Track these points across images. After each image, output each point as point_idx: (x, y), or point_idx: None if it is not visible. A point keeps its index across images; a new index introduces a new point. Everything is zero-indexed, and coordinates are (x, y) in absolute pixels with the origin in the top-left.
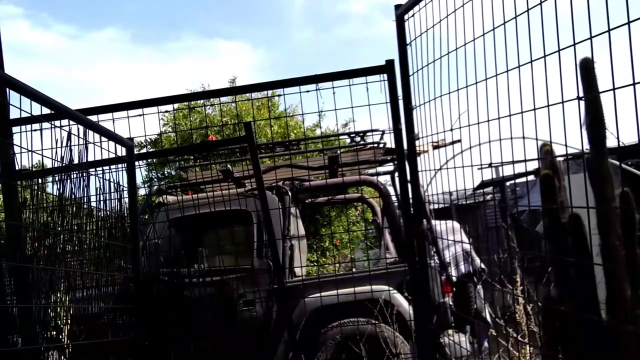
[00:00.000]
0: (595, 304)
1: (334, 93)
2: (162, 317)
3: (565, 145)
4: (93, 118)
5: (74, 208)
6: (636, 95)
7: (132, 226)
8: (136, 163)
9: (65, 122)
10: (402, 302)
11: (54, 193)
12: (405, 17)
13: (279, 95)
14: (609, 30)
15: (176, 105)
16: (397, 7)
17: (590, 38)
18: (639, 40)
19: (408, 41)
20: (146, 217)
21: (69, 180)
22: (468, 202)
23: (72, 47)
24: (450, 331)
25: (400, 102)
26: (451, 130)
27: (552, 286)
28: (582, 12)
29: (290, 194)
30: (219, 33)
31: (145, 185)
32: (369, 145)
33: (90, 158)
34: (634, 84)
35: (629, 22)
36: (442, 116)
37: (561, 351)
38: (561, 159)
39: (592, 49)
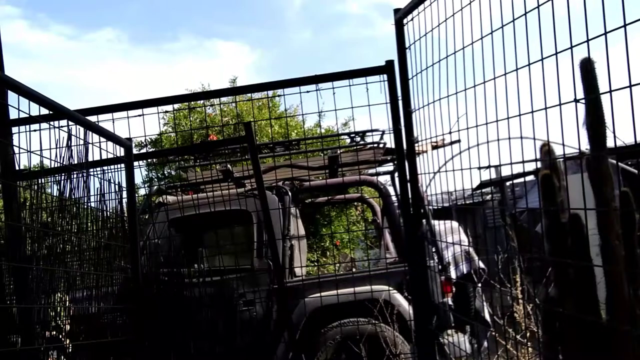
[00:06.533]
0: (595, 304)
1: (334, 93)
2: (161, 317)
3: (563, 145)
4: (93, 118)
5: (74, 208)
6: (632, 97)
7: (131, 226)
8: (136, 163)
9: (64, 122)
10: (402, 302)
11: (54, 193)
12: (405, 20)
13: (279, 96)
14: (605, 33)
15: (176, 106)
16: (396, 10)
17: (587, 41)
18: (635, 41)
19: (407, 45)
20: (146, 217)
21: (68, 181)
22: (467, 202)
23: (71, 48)
24: (450, 331)
25: (400, 103)
26: (450, 133)
27: (552, 286)
28: (580, 14)
29: (290, 194)
30: (217, 33)
31: (145, 185)
32: (368, 146)
33: (89, 158)
34: (630, 85)
35: (625, 25)
36: (441, 118)
37: (561, 351)
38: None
39: (589, 51)
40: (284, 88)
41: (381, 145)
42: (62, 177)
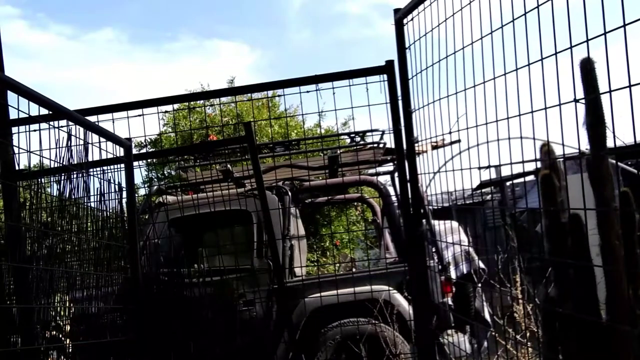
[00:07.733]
0: (595, 304)
1: (334, 93)
2: (161, 317)
3: (563, 145)
4: (93, 118)
5: (74, 208)
6: (632, 97)
7: (131, 226)
8: (136, 163)
9: (63, 122)
10: (402, 302)
11: (54, 193)
12: (404, 20)
13: (279, 96)
14: (605, 33)
15: (176, 106)
16: (396, 10)
17: (587, 41)
18: (635, 41)
19: (407, 45)
20: (146, 217)
21: (68, 181)
22: (467, 202)
23: (70, 48)
24: (450, 331)
25: (400, 103)
26: (450, 133)
27: (552, 286)
28: (579, 14)
29: (290, 194)
30: (217, 34)
31: (145, 185)
32: (368, 146)
33: (89, 158)
34: (630, 85)
35: (624, 25)
36: (441, 118)
37: (561, 351)
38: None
39: (589, 51)
40: (284, 88)
41: (381, 145)
42: (62, 177)
